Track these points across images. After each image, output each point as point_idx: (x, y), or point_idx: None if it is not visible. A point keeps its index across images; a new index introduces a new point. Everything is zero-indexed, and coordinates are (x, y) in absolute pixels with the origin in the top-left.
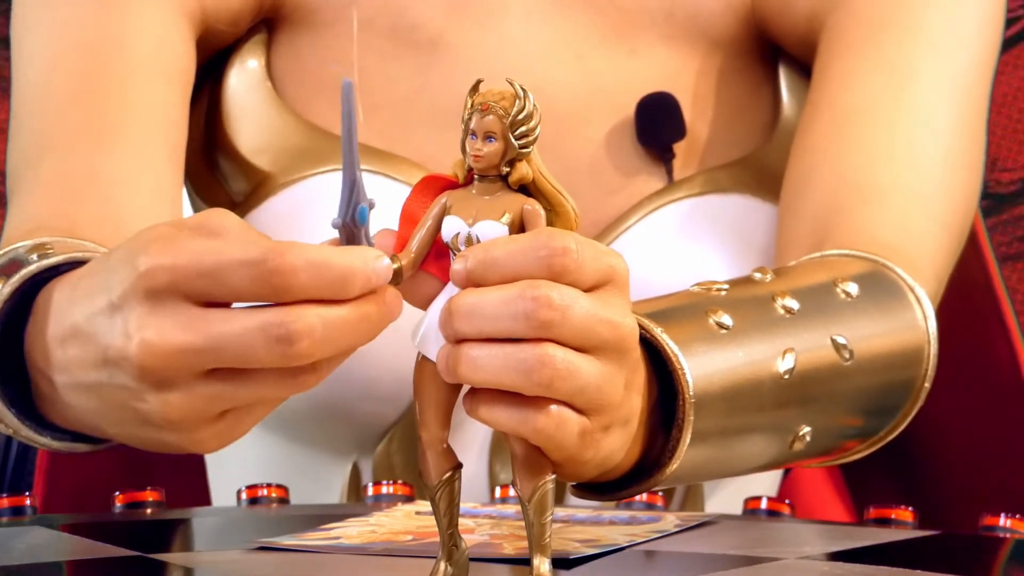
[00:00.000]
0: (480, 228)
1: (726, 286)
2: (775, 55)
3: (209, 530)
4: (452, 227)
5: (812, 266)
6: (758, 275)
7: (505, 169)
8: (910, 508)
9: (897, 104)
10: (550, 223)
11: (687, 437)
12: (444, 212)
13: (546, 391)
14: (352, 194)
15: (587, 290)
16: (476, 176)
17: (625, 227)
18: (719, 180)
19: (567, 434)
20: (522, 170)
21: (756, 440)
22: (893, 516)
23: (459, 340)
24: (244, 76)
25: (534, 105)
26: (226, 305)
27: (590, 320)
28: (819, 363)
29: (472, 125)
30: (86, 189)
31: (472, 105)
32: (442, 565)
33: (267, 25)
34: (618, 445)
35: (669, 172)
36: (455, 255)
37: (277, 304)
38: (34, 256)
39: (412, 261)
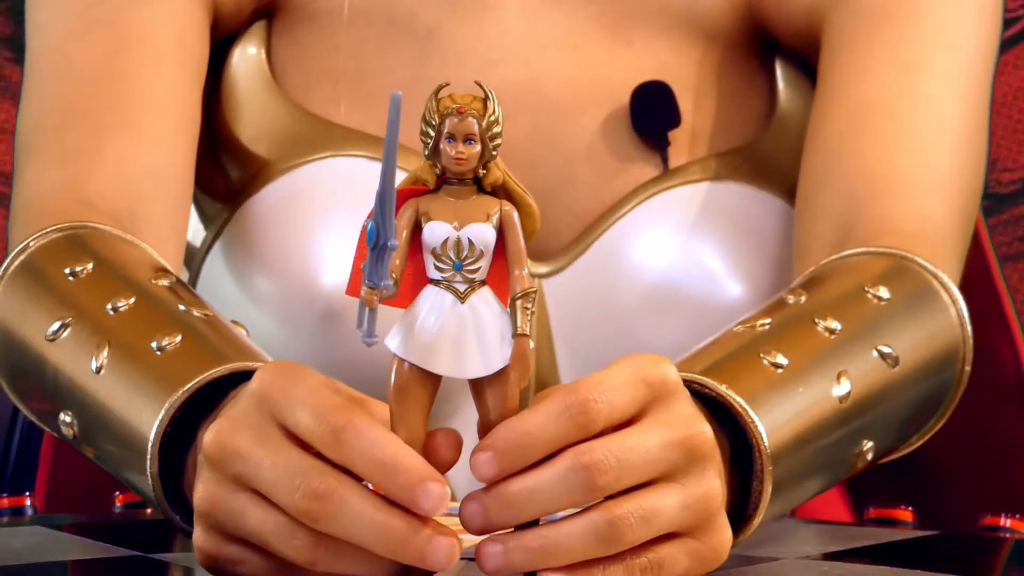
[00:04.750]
0: (470, 231)
1: (768, 320)
2: (771, 48)
3: None
4: (439, 233)
5: (837, 274)
6: (791, 298)
7: (481, 171)
8: (910, 508)
9: (908, 96)
10: (520, 223)
11: (767, 495)
12: (416, 219)
13: (631, 544)
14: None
15: (635, 416)
16: (447, 181)
17: (621, 214)
18: (715, 168)
19: (677, 569)
20: (496, 172)
21: (824, 466)
22: (893, 516)
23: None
24: (244, 63)
25: (498, 107)
26: None
27: (650, 455)
28: (870, 377)
29: (448, 128)
30: (106, 170)
31: (439, 109)
32: None
33: (268, 14)
34: (727, 525)
35: (664, 160)
36: (437, 284)
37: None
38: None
39: (399, 278)
